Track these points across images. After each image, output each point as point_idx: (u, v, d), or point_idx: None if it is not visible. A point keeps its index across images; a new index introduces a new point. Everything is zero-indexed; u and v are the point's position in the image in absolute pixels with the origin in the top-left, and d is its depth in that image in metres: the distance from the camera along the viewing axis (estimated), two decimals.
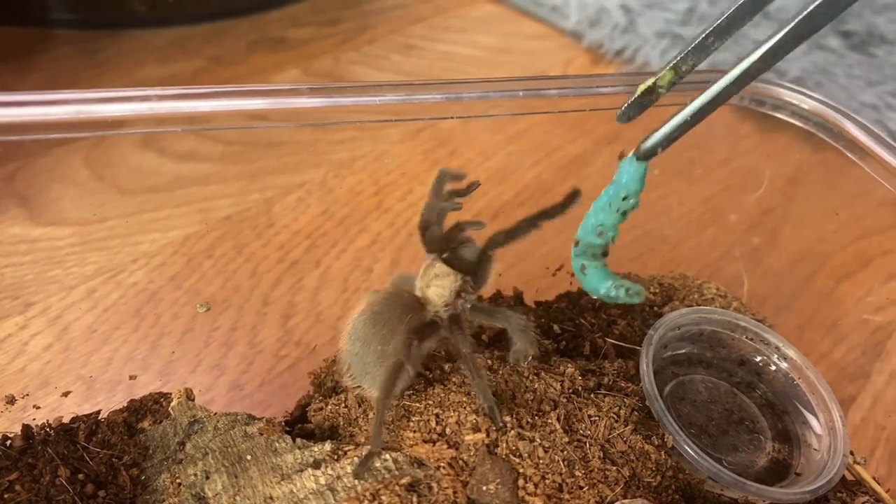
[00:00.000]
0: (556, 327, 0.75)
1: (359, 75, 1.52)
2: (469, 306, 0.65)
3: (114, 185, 1.09)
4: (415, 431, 0.60)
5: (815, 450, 0.68)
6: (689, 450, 0.61)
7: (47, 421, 0.69)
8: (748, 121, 1.01)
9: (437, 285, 0.65)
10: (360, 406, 0.65)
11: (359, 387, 0.63)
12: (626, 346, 0.74)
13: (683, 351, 0.73)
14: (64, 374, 0.82)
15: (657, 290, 0.81)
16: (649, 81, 0.64)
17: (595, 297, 0.63)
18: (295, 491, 0.56)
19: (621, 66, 1.56)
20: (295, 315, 0.97)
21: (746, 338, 0.74)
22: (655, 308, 0.79)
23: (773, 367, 0.73)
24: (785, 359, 0.73)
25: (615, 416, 0.62)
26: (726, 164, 1.14)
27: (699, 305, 0.78)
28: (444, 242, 0.66)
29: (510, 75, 0.81)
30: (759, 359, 0.74)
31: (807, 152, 0.90)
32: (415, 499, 0.54)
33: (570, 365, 0.66)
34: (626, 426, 0.61)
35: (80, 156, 1.11)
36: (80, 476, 0.63)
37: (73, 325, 0.89)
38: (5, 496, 0.62)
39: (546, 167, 1.21)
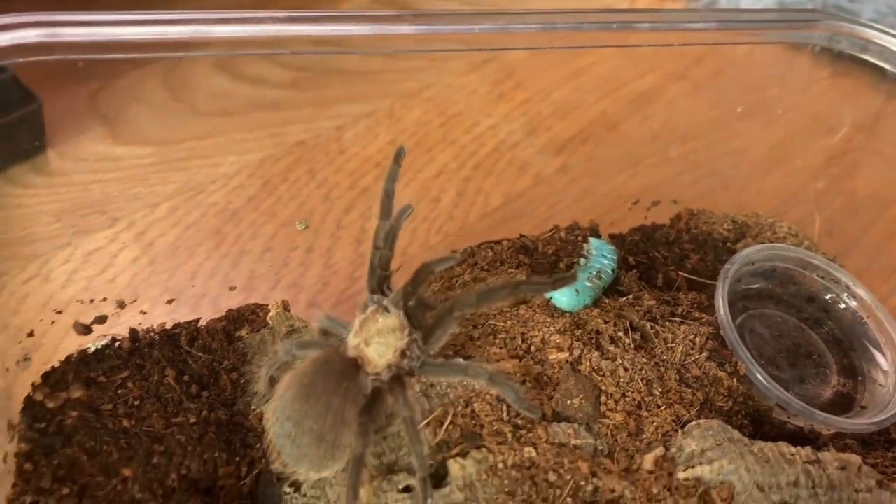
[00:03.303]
0: (630, 259, 0.78)
1: (423, 2, 1.51)
2: (419, 365, 0.57)
3: (190, 108, 1.11)
4: (501, 348, 0.64)
5: (881, 385, 0.70)
6: (760, 378, 0.64)
7: (151, 326, 0.74)
8: (823, 65, 1.00)
9: (380, 343, 0.57)
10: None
11: (294, 472, 0.56)
12: (699, 279, 0.76)
13: (756, 286, 0.76)
14: (150, 287, 0.86)
15: (730, 227, 0.83)
16: None
17: None
18: None
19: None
20: (366, 240, 0.99)
21: (817, 276, 0.75)
22: (728, 244, 0.81)
23: (843, 306, 0.75)
24: (854, 297, 0.75)
25: (691, 344, 0.65)
26: (799, 108, 1.14)
27: (772, 243, 0.80)
28: (407, 286, 0.60)
29: (577, 7, 0.81)
30: (828, 296, 0.76)
31: (881, 97, 0.90)
32: (504, 407, 0.58)
33: (647, 293, 0.69)
34: (700, 353, 0.64)
35: (157, 77, 1.13)
36: (185, 377, 0.68)
37: (157, 240, 0.93)
38: (119, 391, 0.67)
39: (611, 103, 1.21)
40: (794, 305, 0.76)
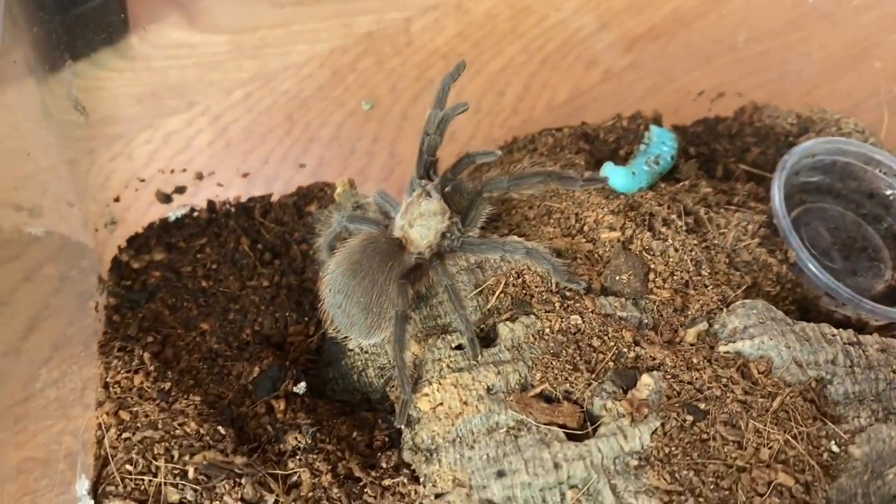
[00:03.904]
0: (691, 150, 0.79)
1: None
2: (458, 245, 0.62)
3: None
4: (555, 227, 0.66)
5: None
6: (810, 266, 0.65)
7: (227, 199, 0.79)
8: None
9: (422, 225, 0.61)
10: (502, 204, 0.70)
11: (346, 337, 0.62)
12: (758, 172, 0.76)
13: (814, 180, 0.76)
14: (226, 169, 0.90)
15: (794, 122, 0.82)
16: None
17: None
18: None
19: None
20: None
21: (880, 172, 0.75)
22: (791, 139, 0.80)
23: None
24: None
25: (743, 230, 0.66)
26: (875, 8, 1.09)
27: None
28: (447, 172, 0.63)
29: None
30: (889, 193, 0.75)
31: None
32: (553, 279, 0.61)
33: (704, 181, 0.70)
34: (752, 239, 0.66)
35: None
36: (259, 246, 0.74)
37: (232, 125, 0.97)
38: (197, 256, 0.73)
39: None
40: (854, 201, 0.76)
